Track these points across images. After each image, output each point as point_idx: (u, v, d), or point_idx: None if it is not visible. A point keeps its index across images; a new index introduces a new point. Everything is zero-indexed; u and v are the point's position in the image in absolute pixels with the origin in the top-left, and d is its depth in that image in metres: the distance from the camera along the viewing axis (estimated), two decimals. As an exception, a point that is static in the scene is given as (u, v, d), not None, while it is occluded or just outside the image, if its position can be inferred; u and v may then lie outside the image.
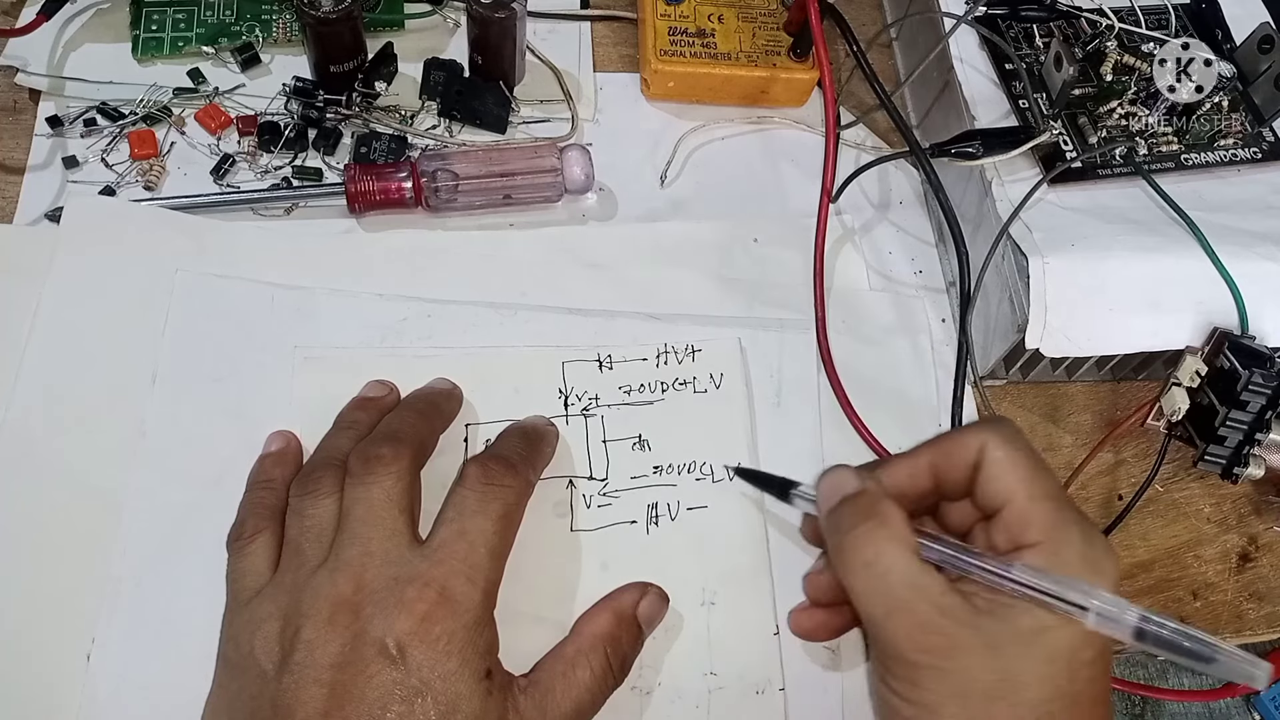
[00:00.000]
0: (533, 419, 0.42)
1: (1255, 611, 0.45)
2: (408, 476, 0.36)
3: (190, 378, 0.42)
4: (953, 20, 0.48)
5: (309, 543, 0.35)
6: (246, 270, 0.44)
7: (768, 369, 0.45)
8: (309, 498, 0.36)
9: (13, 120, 0.48)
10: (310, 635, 0.32)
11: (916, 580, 0.32)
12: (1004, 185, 0.45)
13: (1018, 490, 0.33)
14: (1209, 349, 0.43)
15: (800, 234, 0.49)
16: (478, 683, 0.33)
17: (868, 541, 0.33)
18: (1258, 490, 0.47)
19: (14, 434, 0.40)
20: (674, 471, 0.42)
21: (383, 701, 0.31)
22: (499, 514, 0.36)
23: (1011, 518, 0.33)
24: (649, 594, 0.38)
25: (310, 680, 0.32)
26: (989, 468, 0.34)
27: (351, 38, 0.48)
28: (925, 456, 0.35)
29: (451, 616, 0.33)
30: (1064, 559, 0.32)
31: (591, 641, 0.36)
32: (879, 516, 0.33)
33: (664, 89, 0.52)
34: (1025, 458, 0.34)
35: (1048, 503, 0.33)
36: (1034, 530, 0.32)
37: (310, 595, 0.33)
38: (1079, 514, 0.33)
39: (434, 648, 0.32)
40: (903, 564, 0.32)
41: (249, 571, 0.36)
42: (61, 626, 0.37)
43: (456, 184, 0.46)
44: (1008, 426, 0.35)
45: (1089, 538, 0.32)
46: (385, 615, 0.32)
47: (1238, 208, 0.46)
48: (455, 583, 0.33)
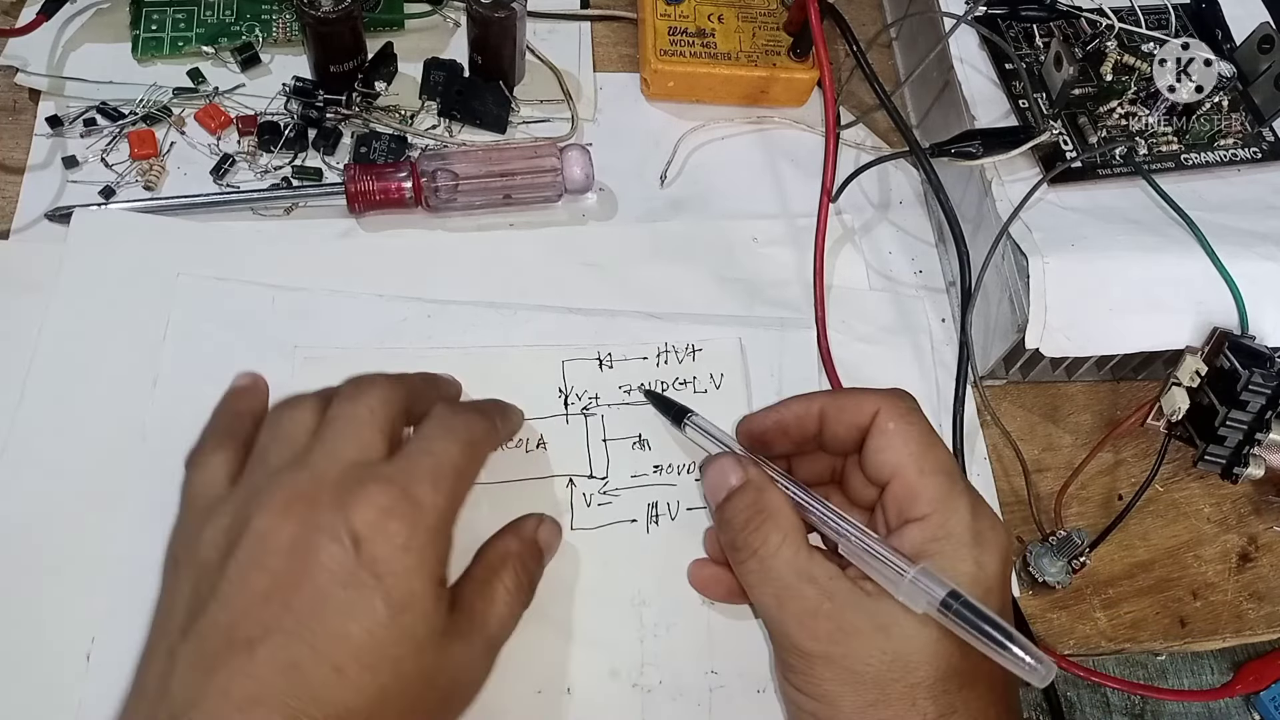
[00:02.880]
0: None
1: (1255, 611, 0.45)
2: (396, 406, 0.35)
3: (191, 381, 0.41)
4: (953, 20, 0.48)
5: (276, 448, 0.34)
6: (247, 273, 0.44)
7: (768, 368, 0.45)
8: (287, 409, 0.35)
9: (13, 120, 0.48)
10: (261, 524, 0.31)
11: (804, 567, 0.33)
12: (1004, 185, 0.45)
13: (907, 464, 0.34)
14: (1209, 349, 0.43)
15: (800, 234, 0.49)
16: (434, 585, 0.31)
17: (755, 536, 0.34)
18: (1258, 490, 0.47)
19: (18, 437, 0.40)
20: (674, 471, 0.42)
21: (328, 586, 0.29)
22: (465, 440, 0.35)
23: (901, 491, 0.34)
24: (545, 522, 0.39)
25: (253, 565, 0.30)
26: (879, 438, 0.35)
27: (351, 38, 0.48)
28: (819, 403, 0.36)
29: (413, 515, 0.31)
30: (950, 531, 0.33)
31: (500, 559, 0.36)
32: (764, 510, 0.34)
33: (664, 89, 0.52)
34: (917, 431, 0.34)
35: (937, 477, 0.34)
36: (922, 504, 0.33)
37: (268, 491, 0.31)
38: (968, 488, 0.34)
39: (391, 541, 0.30)
40: (789, 552, 0.33)
41: (205, 483, 0.34)
42: (62, 627, 0.37)
43: (456, 184, 0.46)
44: (904, 399, 0.36)
45: (977, 511, 0.33)
46: (343, 506, 0.31)
47: (1238, 208, 0.46)
48: (420, 487, 0.32)
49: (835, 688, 0.32)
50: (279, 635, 0.29)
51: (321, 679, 0.29)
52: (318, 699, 0.28)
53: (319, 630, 0.29)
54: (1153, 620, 0.44)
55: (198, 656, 0.29)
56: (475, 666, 0.33)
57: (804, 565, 0.33)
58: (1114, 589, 0.44)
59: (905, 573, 0.32)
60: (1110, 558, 0.45)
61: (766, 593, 0.33)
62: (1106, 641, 0.43)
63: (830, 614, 0.32)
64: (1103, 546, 0.44)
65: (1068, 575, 0.42)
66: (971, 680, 0.32)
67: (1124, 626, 0.44)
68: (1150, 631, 0.44)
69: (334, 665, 0.29)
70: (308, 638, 0.29)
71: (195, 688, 0.29)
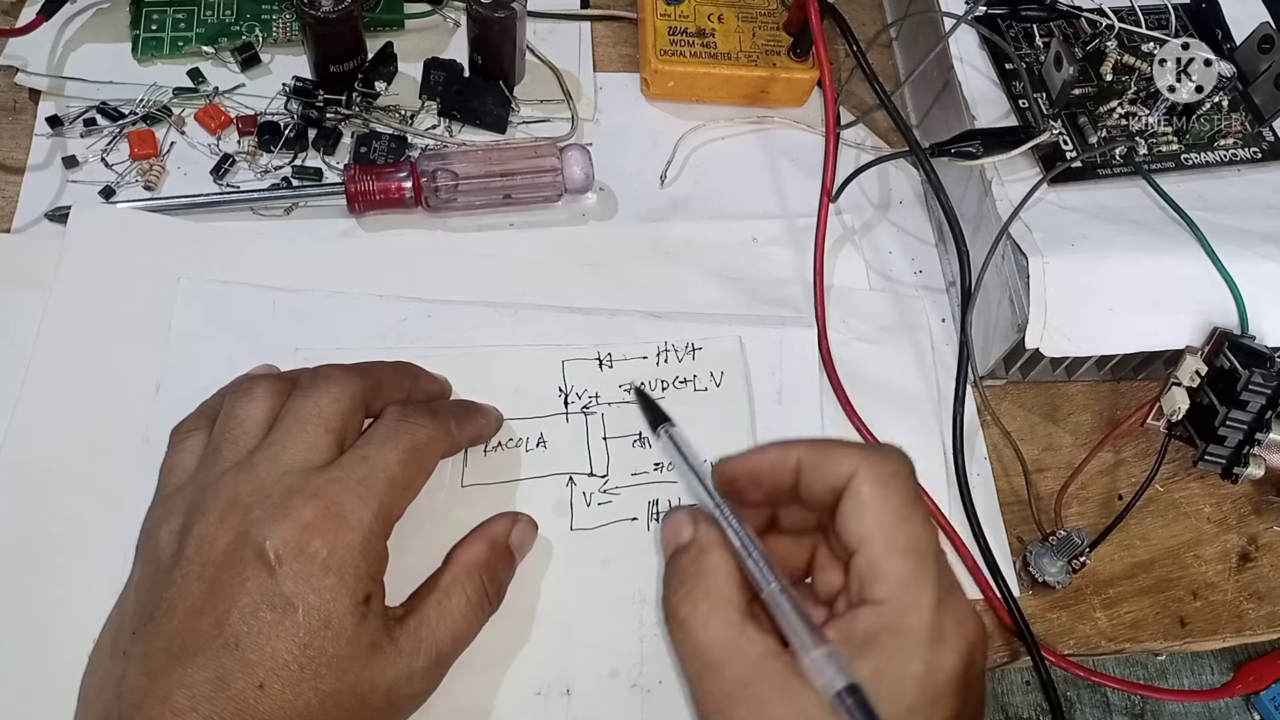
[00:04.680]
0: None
1: (1255, 611, 0.45)
2: (348, 402, 0.35)
3: (193, 383, 0.41)
4: (953, 20, 0.48)
5: (228, 444, 0.35)
6: (248, 274, 0.44)
7: (768, 367, 0.45)
8: (242, 398, 0.36)
9: (13, 120, 0.48)
10: (201, 531, 0.32)
11: (731, 643, 0.29)
12: (1004, 185, 0.45)
13: (875, 536, 0.29)
14: (1209, 349, 0.43)
15: (800, 234, 0.49)
16: (354, 604, 0.32)
17: (685, 600, 0.31)
18: (1258, 490, 0.47)
19: (19, 440, 0.40)
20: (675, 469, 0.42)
21: (253, 606, 0.31)
22: (406, 447, 0.35)
23: (864, 566, 0.30)
24: (520, 522, 0.38)
25: (195, 575, 0.32)
26: (850, 502, 0.30)
27: (351, 38, 0.48)
28: (796, 453, 0.32)
29: (335, 532, 0.32)
30: (905, 625, 0.29)
31: (467, 569, 0.36)
32: (701, 577, 0.31)
33: (664, 89, 0.52)
34: (893, 502, 0.30)
35: (904, 557, 0.29)
36: (881, 586, 0.29)
37: (211, 493, 0.33)
38: (940, 572, 0.30)
39: (311, 561, 0.31)
40: (717, 626, 0.30)
41: (176, 467, 0.36)
42: (62, 627, 0.37)
43: (456, 184, 0.46)
44: (887, 461, 0.31)
45: (944, 602, 0.29)
46: (271, 520, 0.32)
47: (1238, 208, 0.46)
48: (346, 500, 0.32)
49: None
50: (212, 649, 0.30)
51: (247, 695, 0.30)
52: (241, 713, 0.30)
53: (246, 646, 0.30)
54: (1153, 620, 0.44)
55: (146, 661, 0.31)
56: (416, 679, 0.33)
57: (732, 640, 0.29)
58: (1114, 589, 0.44)
59: (809, 653, 0.29)
60: (1110, 558, 0.45)
61: (690, 662, 0.30)
62: (1106, 641, 0.43)
63: (749, 698, 0.29)
64: (1103, 546, 0.44)
65: (1068, 575, 0.42)
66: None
67: (1124, 626, 0.44)
68: (1150, 631, 0.44)
69: (258, 682, 0.30)
70: (236, 654, 0.30)
71: (142, 691, 0.30)
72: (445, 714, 0.36)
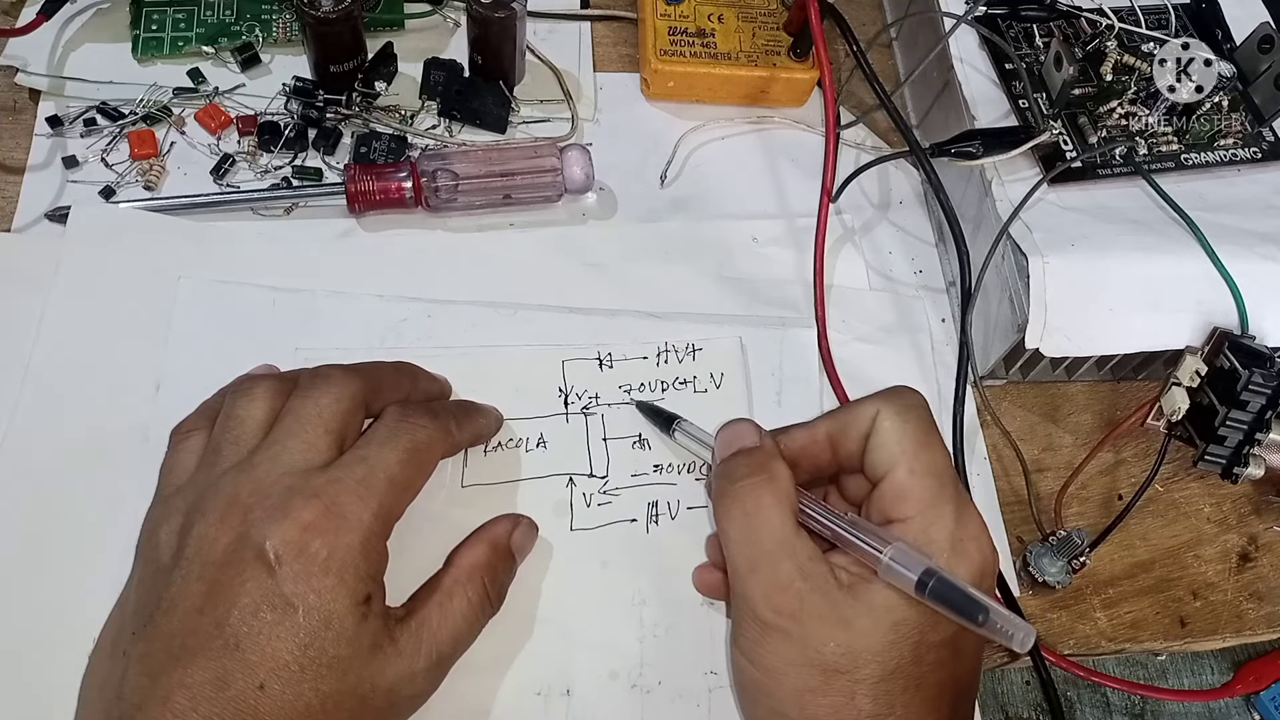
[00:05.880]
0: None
1: (1255, 611, 0.45)
2: (348, 403, 0.35)
3: (193, 383, 0.41)
4: (953, 20, 0.48)
5: (228, 444, 0.35)
6: (248, 274, 0.44)
7: (768, 368, 0.45)
8: (242, 398, 0.36)
9: (13, 120, 0.48)
10: (201, 531, 0.32)
11: (788, 540, 0.33)
12: (1004, 185, 0.45)
13: (899, 461, 0.33)
14: (1209, 349, 0.43)
15: (800, 234, 0.49)
16: (354, 605, 0.32)
17: (750, 493, 0.33)
18: (1258, 490, 0.47)
19: (18, 439, 0.40)
20: (674, 470, 0.42)
21: (254, 607, 0.31)
22: (406, 447, 0.35)
23: (889, 489, 0.33)
24: (521, 524, 0.39)
25: (195, 576, 0.32)
26: (876, 438, 0.34)
27: (351, 38, 0.48)
28: (823, 428, 0.36)
29: (335, 533, 0.32)
30: (931, 537, 0.32)
31: (468, 572, 0.36)
32: (767, 472, 0.34)
33: (664, 89, 0.52)
34: (915, 429, 0.34)
35: (927, 478, 0.33)
36: (908, 504, 0.33)
37: (212, 493, 0.33)
38: (957, 494, 0.33)
39: (311, 561, 0.31)
40: (777, 521, 0.33)
41: (177, 467, 0.36)
42: (63, 628, 0.37)
43: (456, 184, 0.46)
44: (905, 396, 0.35)
45: (961, 519, 0.32)
46: (271, 520, 0.32)
47: (1238, 208, 0.46)
48: (346, 500, 0.32)
49: (782, 665, 0.32)
50: (212, 650, 0.30)
51: (248, 695, 0.30)
52: (242, 714, 0.30)
53: (247, 647, 0.30)
54: (1153, 620, 0.44)
55: (146, 661, 0.31)
56: (417, 680, 0.34)
57: (788, 537, 0.33)
58: (1114, 589, 0.44)
59: (884, 552, 0.32)
60: (1110, 558, 0.45)
61: (742, 554, 0.33)
62: (1106, 641, 0.43)
63: (799, 593, 0.32)
64: (1103, 546, 0.44)
65: (1068, 575, 0.42)
66: (916, 685, 0.31)
67: (1124, 626, 0.44)
68: (1150, 631, 0.44)
69: (258, 682, 0.30)
70: (237, 654, 0.30)
71: (142, 692, 0.30)
72: (445, 714, 0.36)
